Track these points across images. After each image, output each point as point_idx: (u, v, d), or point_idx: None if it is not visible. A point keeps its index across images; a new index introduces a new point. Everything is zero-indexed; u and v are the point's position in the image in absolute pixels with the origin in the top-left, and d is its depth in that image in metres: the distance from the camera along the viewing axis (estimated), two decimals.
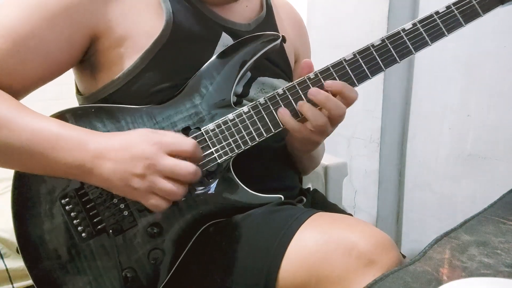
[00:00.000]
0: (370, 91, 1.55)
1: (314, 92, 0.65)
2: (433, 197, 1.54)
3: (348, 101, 0.66)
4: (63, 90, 1.11)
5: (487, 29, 1.28)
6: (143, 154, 0.57)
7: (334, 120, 0.66)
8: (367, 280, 0.48)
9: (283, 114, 0.66)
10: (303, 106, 0.65)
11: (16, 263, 1.22)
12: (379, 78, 1.23)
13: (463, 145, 1.42)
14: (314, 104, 0.65)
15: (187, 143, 0.60)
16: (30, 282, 1.22)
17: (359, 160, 1.66)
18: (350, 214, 0.79)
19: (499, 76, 1.30)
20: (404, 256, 0.62)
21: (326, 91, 0.65)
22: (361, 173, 1.67)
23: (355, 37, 1.54)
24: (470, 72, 1.36)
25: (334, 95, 0.65)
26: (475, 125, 1.38)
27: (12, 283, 1.21)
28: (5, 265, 1.20)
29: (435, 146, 1.49)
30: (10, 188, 0.66)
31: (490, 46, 1.28)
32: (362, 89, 0.67)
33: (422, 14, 0.66)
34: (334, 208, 0.86)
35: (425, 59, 1.45)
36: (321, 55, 0.91)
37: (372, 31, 1.47)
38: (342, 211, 0.86)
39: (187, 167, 0.58)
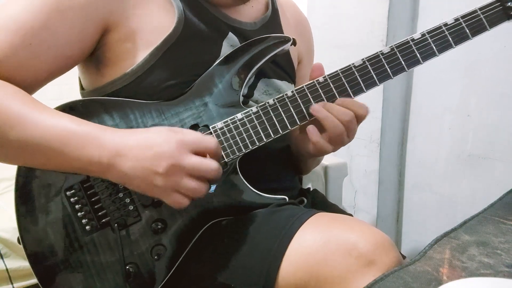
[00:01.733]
0: (370, 92, 1.54)
1: (316, 107, 0.66)
2: (433, 197, 1.53)
3: (358, 118, 0.68)
4: (64, 90, 1.10)
5: None
6: (166, 153, 0.57)
7: (351, 131, 0.67)
8: (367, 281, 0.48)
9: (312, 131, 0.66)
10: (320, 112, 0.65)
11: (16, 263, 1.22)
12: None
13: (463, 145, 1.42)
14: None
15: (210, 141, 0.60)
16: (30, 282, 1.22)
17: (359, 160, 1.66)
18: (350, 214, 0.79)
19: (499, 76, 1.29)
20: (404, 256, 0.62)
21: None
22: (361, 173, 1.67)
23: (355, 37, 1.54)
24: (470, 72, 1.36)
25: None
26: (475, 125, 1.38)
27: (12, 283, 1.21)
28: (5, 265, 1.20)
29: (435, 147, 1.49)
30: (10, 188, 0.65)
31: (490, 46, 1.28)
32: None
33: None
34: (334, 208, 0.86)
35: None
36: (321, 55, 0.91)
37: (372, 31, 1.47)
38: (342, 211, 0.86)
39: (210, 165, 0.58)
